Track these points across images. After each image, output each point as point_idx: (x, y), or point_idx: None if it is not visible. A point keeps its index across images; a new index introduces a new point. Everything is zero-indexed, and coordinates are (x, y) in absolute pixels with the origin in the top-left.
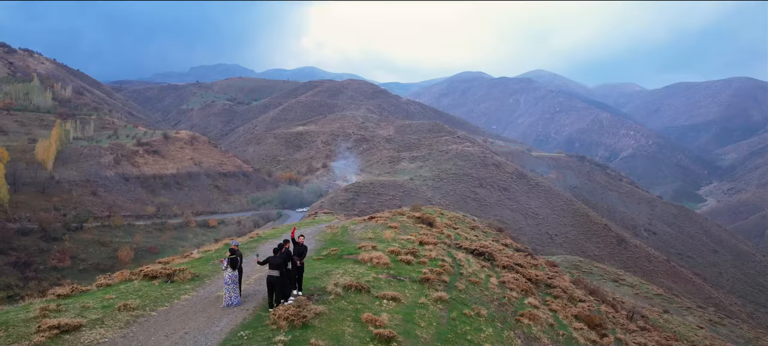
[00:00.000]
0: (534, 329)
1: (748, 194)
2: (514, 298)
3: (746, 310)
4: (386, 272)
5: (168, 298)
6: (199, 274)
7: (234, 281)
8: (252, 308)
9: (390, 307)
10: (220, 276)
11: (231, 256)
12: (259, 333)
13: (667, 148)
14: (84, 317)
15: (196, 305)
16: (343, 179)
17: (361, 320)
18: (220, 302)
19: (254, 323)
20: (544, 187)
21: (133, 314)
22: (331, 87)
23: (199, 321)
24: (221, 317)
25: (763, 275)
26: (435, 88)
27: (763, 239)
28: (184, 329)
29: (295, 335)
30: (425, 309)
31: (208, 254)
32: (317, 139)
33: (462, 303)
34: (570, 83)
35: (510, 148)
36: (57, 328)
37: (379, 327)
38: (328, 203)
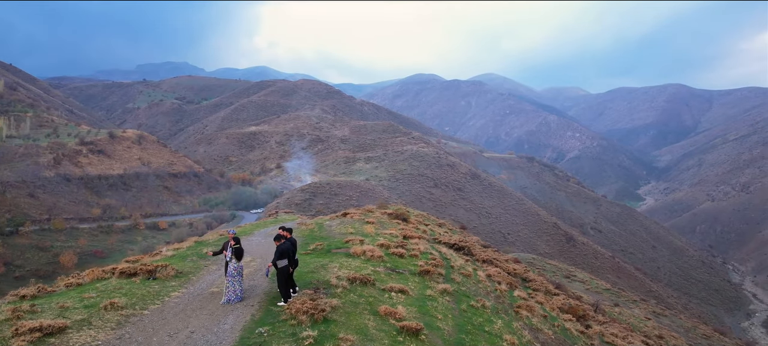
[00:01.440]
0: (533, 320)
1: (681, 193)
2: (503, 290)
3: (681, 302)
4: (383, 265)
5: (156, 296)
6: (183, 270)
7: (239, 273)
8: (256, 303)
9: (400, 299)
10: (206, 272)
11: (235, 246)
12: (279, 329)
13: (610, 150)
14: (67, 318)
15: (191, 303)
16: (298, 179)
17: (378, 313)
18: (217, 298)
19: (268, 319)
20: (496, 187)
21: (122, 313)
22: (285, 87)
23: (202, 319)
24: (225, 314)
25: (695, 268)
26: (389, 89)
27: (694, 235)
28: (188, 327)
29: (320, 330)
30: (435, 302)
31: (181, 251)
32: (271, 139)
33: (465, 295)
34: (519, 87)
35: (463, 149)
36: (39, 330)
37: (400, 320)
38: (283, 204)
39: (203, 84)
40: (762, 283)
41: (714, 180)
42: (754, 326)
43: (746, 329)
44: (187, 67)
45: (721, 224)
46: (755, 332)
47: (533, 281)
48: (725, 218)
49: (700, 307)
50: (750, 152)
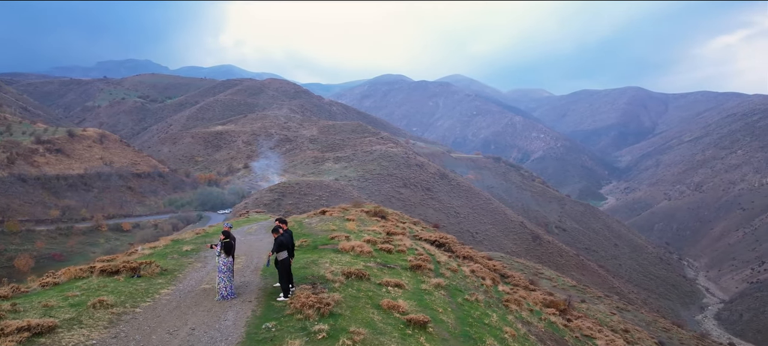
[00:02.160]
0: (522, 313)
1: (640, 193)
2: (489, 286)
3: (641, 297)
4: (373, 261)
5: (145, 294)
6: (167, 268)
7: (229, 268)
8: (253, 298)
9: (398, 294)
10: (191, 269)
11: (225, 240)
12: (287, 324)
13: (574, 151)
14: (54, 317)
15: (184, 300)
16: (266, 179)
17: (381, 307)
18: (209, 295)
19: (271, 314)
20: (464, 187)
21: (113, 312)
22: (252, 86)
23: (200, 316)
24: (224, 311)
25: (653, 265)
26: (357, 89)
27: (653, 232)
28: (187, 325)
29: (330, 323)
30: (431, 296)
31: (159, 249)
32: (238, 139)
33: (457, 290)
34: (486, 88)
35: (431, 150)
36: (27, 330)
37: (404, 313)
38: (252, 204)
39: (167, 82)
40: (714, 277)
41: (670, 180)
42: (707, 318)
43: (700, 321)
44: (150, 65)
45: (677, 221)
46: (708, 324)
47: (511, 276)
48: (681, 216)
49: (659, 302)
50: (703, 153)
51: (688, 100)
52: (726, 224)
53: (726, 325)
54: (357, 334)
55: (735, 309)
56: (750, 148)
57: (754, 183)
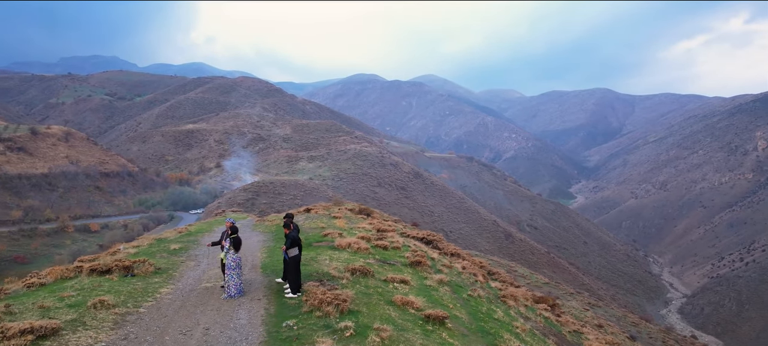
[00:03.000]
0: (521, 309)
1: (608, 192)
2: (482, 282)
3: (610, 293)
4: (372, 257)
5: (145, 293)
6: (161, 267)
7: (238, 265)
8: (262, 296)
9: (405, 290)
10: (185, 268)
11: (233, 235)
12: (307, 321)
13: (544, 150)
14: (55, 319)
15: (189, 299)
16: (238, 178)
17: (394, 303)
18: (212, 293)
19: (286, 312)
20: (438, 186)
21: (116, 312)
22: (223, 84)
23: (210, 315)
24: (234, 309)
25: (621, 262)
26: (330, 88)
27: (621, 230)
28: (199, 325)
29: (353, 320)
30: (437, 292)
31: (143, 248)
32: (209, 137)
33: (458, 286)
34: (458, 88)
35: (405, 149)
36: (30, 332)
37: (419, 309)
38: (225, 204)
39: (136, 80)
40: (677, 273)
41: (637, 179)
42: (671, 312)
43: (664, 315)
44: (117, 61)
45: (643, 219)
46: (672, 318)
47: (498, 273)
48: (647, 214)
49: (626, 297)
50: (667, 153)
51: (653, 101)
52: (688, 222)
53: (688, 318)
54: (382, 331)
55: (697, 303)
56: (710, 148)
57: (714, 182)
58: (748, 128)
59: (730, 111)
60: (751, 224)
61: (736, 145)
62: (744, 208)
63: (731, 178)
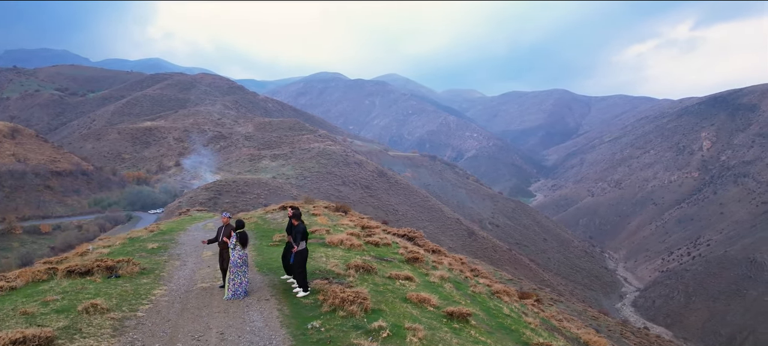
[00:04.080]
0: (513, 305)
1: (566, 190)
2: (470, 277)
3: (569, 288)
4: (367, 254)
5: (137, 295)
6: (146, 267)
7: (245, 262)
8: (269, 295)
9: (412, 286)
10: (171, 267)
11: (240, 230)
12: (333, 322)
13: (505, 150)
14: (45, 326)
15: (189, 301)
16: (199, 177)
17: (410, 300)
18: (212, 294)
19: (304, 312)
20: (402, 185)
21: (112, 317)
22: (183, 81)
23: (219, 319)
24: (244, 311)
25: (579, 258)
26: (292, 86)
27: (578, 227)
28: (211, 329)
29: (383, 320)
30: (442, 288)
31: (116, 248)
32: (168, 135)
33: (458, 282)
34: (421, 88)
35: (369, 148)
36: (23, 342)
37: (438, 307)
38: (186, 203)
39: (89, 75)
40: (631, 268)
41: (593, 177)
42: (625, 306)
43: (619, 309)
44: (68, 55)
45: (600, 217)
46: (626, 311)
47: (477, 269)
48: (603, 211)
49: (584, 292)
50: (621, 153)
51: (607, 103)
52: (641, 218)
53: (641, 311)
54: (416, 330)
55: (648, 296)
56: (661, 148)
57: (664, 180)
58: (695, 129)
59: (678, 113)
60: (697, 220)
61: (683, 146)
62: (691, 205)
63: (679, 176)
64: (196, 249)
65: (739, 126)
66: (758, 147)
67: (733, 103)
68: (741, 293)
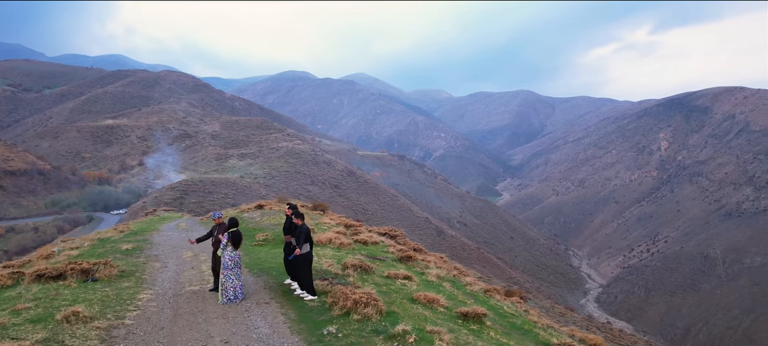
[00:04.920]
0: (505, 303)
1: (532, 189)
2: (458, 276)
3: (535, 285)
4: (358, 253)
5: (120, 301)
6: (125, 269)
7: (237, 264)
8: (268, 299)
9: (413, 286)
10: (151, 269)
11: (232, 229)
12: (350, 327)
13: (472, 150)
14: (21, 339)
15: (180, 306)
16: (164, 177)
17: (418, 301)
18: (206, 298)
19: (312, 316)
20: (371, 184)
21: (97, 326)
22: (146, 78)
23: (219, 326)
24: (245, 317)
25: (545, 255)
26: (259, 85)
27: (544, 225)
28: (212, 338)
29: (405, 323)
30: (443, 287)
31: (86, 249)
32: (131, 134)
33: (454, 281)
34: (389, 88)
35: (338, 147)
36: None
37: (447, 308)
38: (151, 203)
39: (45, 70)
40: (594, 265)
41: (558, 177)
42: (589, 302)
43: (584, 305)
44: (21, 49)
45: (564, 215)
46: (590, 307)
47: (458, 268)
48: (567, 209)
49: (550, 289)
50: (584, 152)
51: (571, 104)
52: (603, 217)
53: (604, 306)
54: (440, 334)
55: (611, 292)
56: (622, 148)
57: (625, 179)
58: (653, 130)
59: (638, 114)
60: (656, 218)
61: (643, 146)
62: (650, 203)
63: (639, 175)
64: (175, 250)
65: (693, 127)
66: (711, 148)
67: (688, 106)
68: (696, 287)
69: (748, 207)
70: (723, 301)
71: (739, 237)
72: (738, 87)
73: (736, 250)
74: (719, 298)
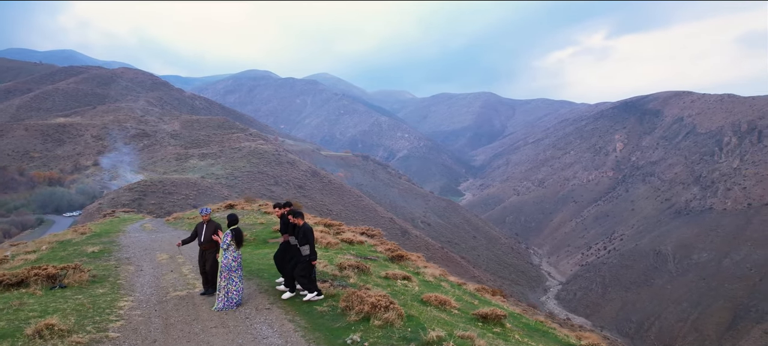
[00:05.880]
0: (504, 304)
1: (493, 189)
2: (443, 275)
3: (497, 284)
4: (347, 253)
5: (98, 310)
6: (96, 275)
7: (240, 265)
8: (268, 304)
9: (417, 287)
10: (126, 272)
11: (233, 226)
12: (374, 334)
13: (435, 150)
14: None
15: (169, 314)
16: (121, 177)
17: (429, 303)
18: (197, 304)
19: (326, 323)
20: (336, 184)
21: (76, 341)
22: (101, 75)
23: (222, 336)
24: (248, 324)
25: (506, 254)
26: (220, 84)
27: (505, 225)
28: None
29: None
30: (441, 287)
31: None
32: (85, 132)
33: (447, 281)
34: (352, 88)
35: (301, 147)
36: None
37: (462, 310)
38: (108, 204)
39: None
40: (554, 263)
41: (518, 177)
42: (550, 299)
43: (544, 302)
44: None
45: (525, 214)
46: (550, 304)
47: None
48: (527, 209)
49: (512, 287)
50: (544, 153)
51: (531, 106)
52: (563, 216)
53: (563, 303)
54: (473, 339)
55: (570, 289)
56: (580, 149)
57: (583, 179)
58: (609, 132)
59: (595, 116)
60: (612, 217)
61: (599, 147)
62: (606, 202)
63: (596, 176)
64: (147, 252)
65: (646, 129)
66: (662, 149)
67: (641, 109)
68: (649, 282)
69: (696, 205)
70: (673, 295)
71: (688, 234)
72: (686, 91)
73: (685, 246)
74: (670, 292)
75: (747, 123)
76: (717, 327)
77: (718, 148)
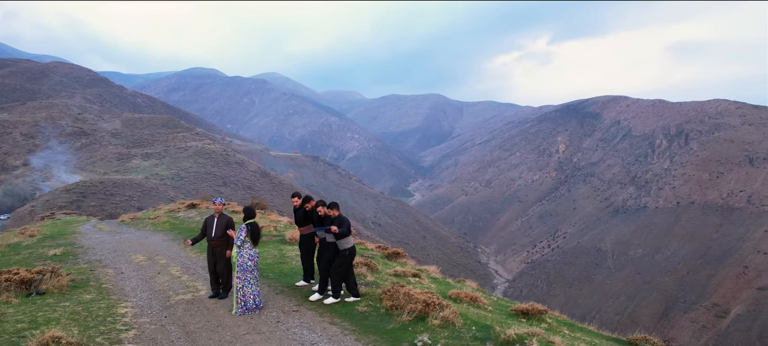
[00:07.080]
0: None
1: (442, 189)
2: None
3: None
4: None
5: (98, 318)
6: (75, 279)
7: (256, 265)
8: (295, 306)
9: (429, 283)
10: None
11: (249, 221)
12: (440, 335)
13: (385, 151)
14: None
15: (185, 320)
16: (55, 178)
17: (460, 300)
18: (211, 308)
19: (378, 324)
20: (286, 185)
21: None
22: (32, 68)
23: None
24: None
25: (455, 253)
26: (163, 81)
27: (454, 224)
28: None
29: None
30: (447, 282)
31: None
32: (14, 130)
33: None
34: (301, 88)
35: (250, 147)
36: None
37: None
38: (42, 207)
39: None
40: (501, 261)
41: (466, 177)
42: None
43: None
44: None
45: (473, 214)
46: None
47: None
48: (475, 209)
49: None
50: (491, 154)
51: (478, 108)
52: (509, 215)
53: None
54: (531, 335)
55: (516, 286)
56: (525, 150)
57: (528, 180)
58: (552, 133)
59: (539, 119)
60: (555, 216)
61: (543, 148)
62: (550, 202)
63: (541, 176)
64: (117, 253)
65: (586, 132)
66: (601, 150)
67: (582, 112)
68: (590, 278)
69: (632, 204)
70: (612, 289)
71: (625, 231)
72: (622, 96)
73: (622, 243)
74: (609, 287)
75: (675, 127)
76: (651, 318)
77: (651, 150)
